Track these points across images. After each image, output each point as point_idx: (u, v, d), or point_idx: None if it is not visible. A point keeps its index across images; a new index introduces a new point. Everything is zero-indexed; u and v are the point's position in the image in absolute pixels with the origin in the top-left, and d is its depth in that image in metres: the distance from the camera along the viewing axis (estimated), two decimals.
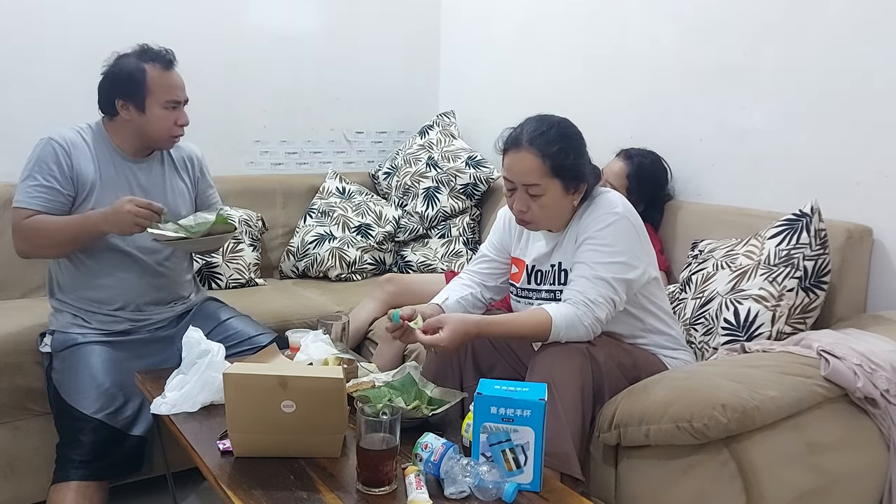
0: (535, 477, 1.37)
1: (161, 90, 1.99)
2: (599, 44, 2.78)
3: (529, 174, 1.69)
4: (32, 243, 1.96)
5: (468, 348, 1.85)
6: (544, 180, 1.69)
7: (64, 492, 1.79)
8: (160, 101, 1.99)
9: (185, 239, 1.95)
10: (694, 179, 2.48)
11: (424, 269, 3.01)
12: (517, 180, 1.71)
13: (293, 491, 1.34)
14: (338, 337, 1.90)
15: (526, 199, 1.71)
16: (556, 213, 1.75)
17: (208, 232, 1.98)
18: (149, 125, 2.01)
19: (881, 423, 1.64)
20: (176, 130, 2.05)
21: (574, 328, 1.64)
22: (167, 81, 2.00)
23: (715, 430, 1.42)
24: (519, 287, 1.87)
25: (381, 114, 3.50)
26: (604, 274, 1.67)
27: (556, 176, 1.69)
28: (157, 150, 2.11)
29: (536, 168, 1.68)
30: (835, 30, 2.08)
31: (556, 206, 1.73)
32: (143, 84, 1.97)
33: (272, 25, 3.17)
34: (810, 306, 1.90)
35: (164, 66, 2.00)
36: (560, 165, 1.68)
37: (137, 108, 1.99)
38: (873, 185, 2.03)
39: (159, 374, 1.84)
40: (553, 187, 1.70)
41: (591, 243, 1.70)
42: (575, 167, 1.70)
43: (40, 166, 1.96)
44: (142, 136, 2.04)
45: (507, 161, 1.73)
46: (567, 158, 1.68)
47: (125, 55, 2.01)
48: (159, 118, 2.00)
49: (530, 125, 1.72)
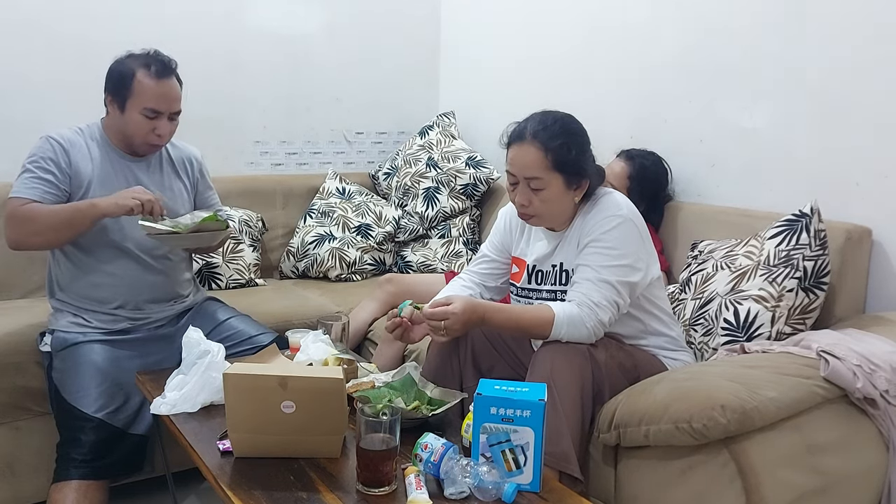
0: (535, 477, 1.37)
1: (144, 96, 1.96)
2: (599, 44, 2.78)
3: (532, 167, 1.69)
4: (25, 230, 1.92)
5: (468, 348, 1.85)
6: (546, 174, 1.69)
7: (64, 491, 1.79)
8: (139, 107, 1.97)
9: (174, 234, 1.92)
10: (694, 180, 2.48)
11: (424, 270, 3.01)
12: (519, 174, 1.72)
13: (293, 491, 1.34)
14: (338, 337, 1.91)
15: (528, 192, 1.72)
16: (557, 209, 1.75)
17: (197, 228, 1.96)
18: (126, 126, 2.01)
19: (881, 423, 1.64)
20: (152, 138, 2.02)
21: (576, 328, 1.64)
22: (154, 89, 1.97)
23: (714, 431, 1.42)
24: (519, 287, 1.87)
25: (381, 114, 3.50)
26: (608, 277, 1.67)
27: (557, 170, 1.69)
28: (140, 152, 2.09)
29: (539, 161, 1.68)
30: (835, 30, 2.08)
31: (557, 201, 1.73)
32: (128, 86, 1.97)
33: (272, 26, 3.17)
34: (810, 307, 1.91)
35: (157, 74, 1.97)
36: (562, 160, 1.69)
37: (119, 107, 1.99)
38: (873, 185, 2.03)
39: (159, 374, 1.84)
40: (555, 182, 1.70)
41: (596, 246, 1.70)
42: (577, 163, 1.71)
43: (38, 161, 1.96)
44: (122, 135, 2.04)
45: (510, 154, 1.74)
46: (569, 153, 1.69)
47: (132, 55, 2.01)
48: (136, 123, 1.99)
49: (535, 119, 1.73)
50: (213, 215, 2.00)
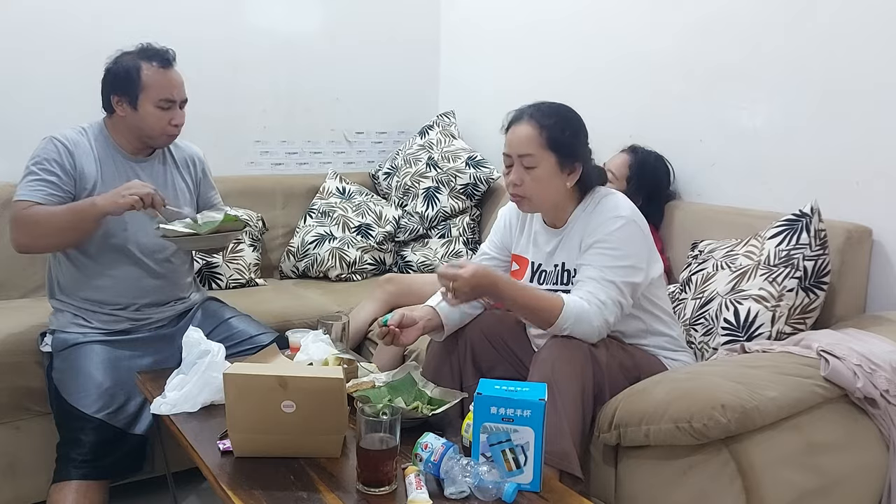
0: (535, 477, 1.37)
1: (155, 88, 1.97)
2: (599, 44, 2.78)
3: (525, 144, 1.73)
4: (31, 233, 1.93)
5: (467, 347, 1.85)
6: (539, 151, 1.72)
7: (64, 491, 1.79)
8: (153, 100, 1.97)
9: (194, 235, 1.93)
10: (694, 179, 2.48)
11: (424, 270, 3.01)
12: (514, 152, 1.75)
13: (293, 491, 1.34)
14: (338, 337, 1.90)
15: (521, 171, 1.74)
16: (549, 190, 1.76)
17: (217, 229, 1.96)
18: (142, 122, 2.00)
19: (881, 423, 1.64)
20: (170, 129, 2.03)
21: (582, 324, 1.64)
22: (162, 80, 1.98)
23: (715, 431, 1.42)
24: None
25: (382, 114, 3.50)
26: (613, 278, 1.68)
27: (551, 149, 1.72)
28: (155, 148, 2.11)
29: (533, 138, 1.72)
30: (835, 30, 2.08)
31: (549, 181, 1.74)
32: (137, 81, 1.96)
33: (272, 26, 3.17)
34: (810, 306, 1.90)
35: (161, 64, 1.98)
36: (556, 139, 1.72)
37: (131, 104, 1.98)
38: (873, 185, 2.03)
39: (159, 374, 1.84)
40: (547, 161, 1.72)
41: (600, 247, 1.71)
42: (571, 145, 1.74)
43: (42, 163, 1.96)
44: (137, 133, 2.04)
45: (507, 136, 1.78)
46: (563, 133, 1.73)
47: (126, 52, 2.01)
48: (152, 116, 1.99)
49: (533, 104, 1.79)
50: (232, 216, 1.99)
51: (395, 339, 1.79)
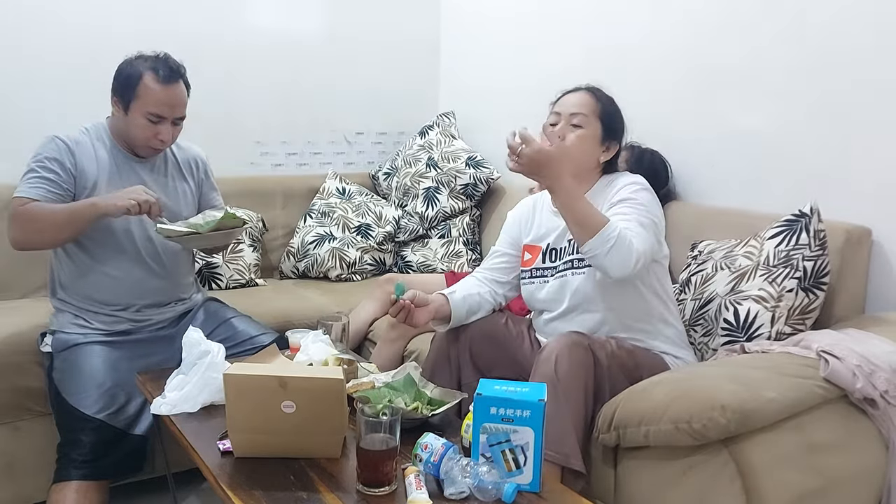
0: (535, 477, 1.37)
1: (148, 101, 1.96)
2: (599, 44, 2.78)
3: (581, 105, 1.83)
4: (28, 229, 1.92)
5: (467, 344, 1.86)
6: (591, 115, 1.82)
7: (65, 491, 1.79)
8: (143, 111, 1.96)
9: (195, 234, 1.92)
10: (694, 180, 2.48)
11: (424, 270, 3.01)
12: (566, 111, 1.83)
13: (293, 491, 1.34)
14: (338, 337, 1.91)
15: (567, 128, 1.81)
16: (584, 154, 1.82)
17: (217, 227, 1.95)
18: (129, 128, 2.00)
19: (880, 424, 1.64)
20: (154, 142, 2.01)
21: (621, 247, 1.61)
22: (159, 94, 1.96)
23: (714, 431, 1.43)
24: (533, 268, 1.89)
25: (381, 115, 3.49)
26: (644, 220, 1.72)
27: (601, 118, 1.83)
28: (141, 154, 2.09)
29: (589, 103, 1.84)
30: (835, 30, 2.08)
31: (588, 145, 1.82)
32: (134, 88, 1.96)
33: (272, 26, 3.17)
34: (810, 307, 1.91)
35: (163, 79, 1.96)
36: (609, 113, 1.85)
37: (123, 108, 1.98)
38: (873, 185, 2.03)
39: (159, 374, 1.84)
40: (594, 127, 1.82)
41: (628, 203, 1.75)
42: (618, 125, 1.87)
43: (42, 161, 1.96)
44: (125, 136, 2.04)
45: (560, 100, 1.87)
46: (616, 110, 1.87)
47: (141, 56, 2.00)
48: (139, 126, 1.98)
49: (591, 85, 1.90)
50: (231, 213, 1.99)
51: (409, 316, 1.77)
